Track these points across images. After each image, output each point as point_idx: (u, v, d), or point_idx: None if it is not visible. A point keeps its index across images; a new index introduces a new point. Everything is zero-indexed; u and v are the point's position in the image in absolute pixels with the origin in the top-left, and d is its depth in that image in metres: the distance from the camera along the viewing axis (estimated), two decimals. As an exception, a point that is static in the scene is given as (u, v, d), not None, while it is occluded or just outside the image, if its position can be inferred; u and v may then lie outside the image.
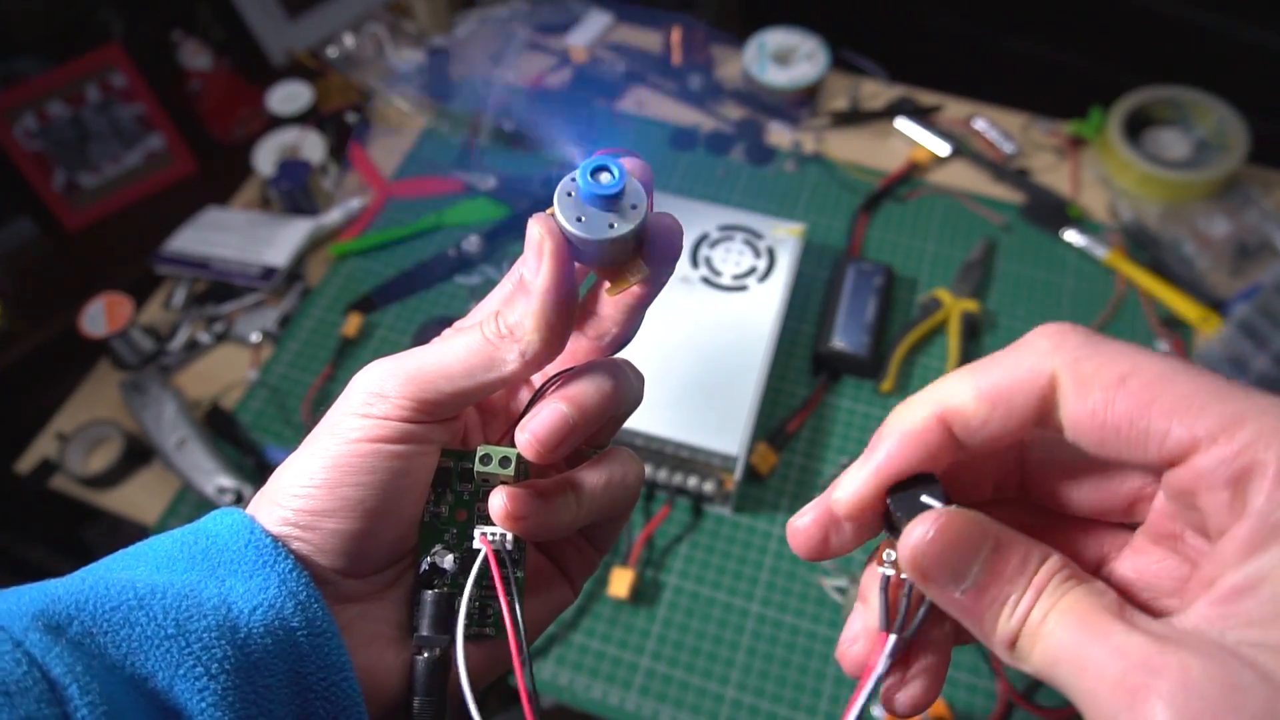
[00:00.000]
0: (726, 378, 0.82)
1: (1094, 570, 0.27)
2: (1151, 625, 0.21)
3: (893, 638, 0.26)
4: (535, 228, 0.28)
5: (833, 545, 0.28)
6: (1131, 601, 0.26)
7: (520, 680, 0.27)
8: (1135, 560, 0.26)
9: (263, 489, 0.31)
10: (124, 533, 0.97)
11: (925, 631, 0.27)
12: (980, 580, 0.23)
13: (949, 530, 0.23)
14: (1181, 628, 0.21)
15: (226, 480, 0.85)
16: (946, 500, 0.25)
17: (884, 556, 0.27)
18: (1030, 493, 0.29)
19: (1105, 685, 0.20)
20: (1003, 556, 0.23)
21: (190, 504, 0.87)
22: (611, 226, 0.27)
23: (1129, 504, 0.27)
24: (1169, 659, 0.19)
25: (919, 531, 0.24)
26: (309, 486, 0.29)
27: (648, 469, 0.82)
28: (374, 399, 0.29)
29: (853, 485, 0.26)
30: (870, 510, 0.26)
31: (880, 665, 0.26)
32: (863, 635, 0.27)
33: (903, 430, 0.26)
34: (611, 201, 0.27)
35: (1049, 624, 0.22)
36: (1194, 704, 0.19)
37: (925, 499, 0.25)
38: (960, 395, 0.25)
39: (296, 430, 0.91)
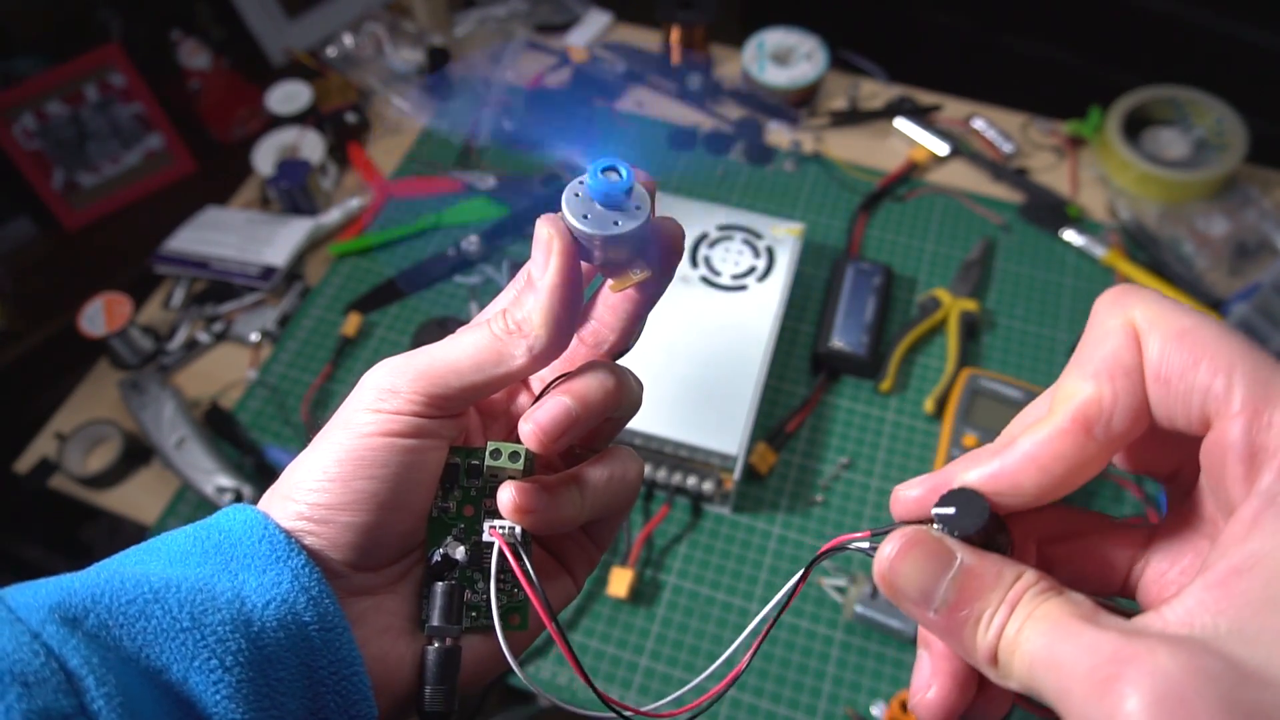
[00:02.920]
0: (726, 377, 0.82)
1: (1129, 571, 0.27)
2: (1121, 623, 0.21)
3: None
4: (544, 226, 0.29)
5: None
6: (1166, 595, 0.26)
7: (566, 654, 0.28)
8: (1165, 553, 0.27)
9: (274, 486, 0.31)
10: (123, 532, 0.97)
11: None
12: (951, 599, 0.24)
13: (912, 548, 0.24)
14: (1153, 622, 0.21)
15: (226, 480, 0.85)
16: (994, 516, 0.25)
17: None
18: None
19: (1077, 680, 0.20)
20: (973, 575, 0.24)
21: (189, 504, 0.87)
22: (616, 224, 0.29)
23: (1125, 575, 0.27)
24: (1137, 649, 0.20)
25: (886, 550, 0.24)
26: (323, 480, 0.29)
27: (647, 469, 0.82)
28: (386, 394, 0.30)
29: (969, 476, 0.25)
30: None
31: (855, 542, 0.27)
32: (936, 680, 0.26)
33: (1037, 441, 0.24)
34: (619, 199, 0.29)
35: (1025, 633, 0.22)
36: (1160, 688, 0.19)
37: (936, 510, 0.25)
38: (1081, 389, 0.24)
39: (296, 430, 0.91)
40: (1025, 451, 0.24)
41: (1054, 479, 0.24)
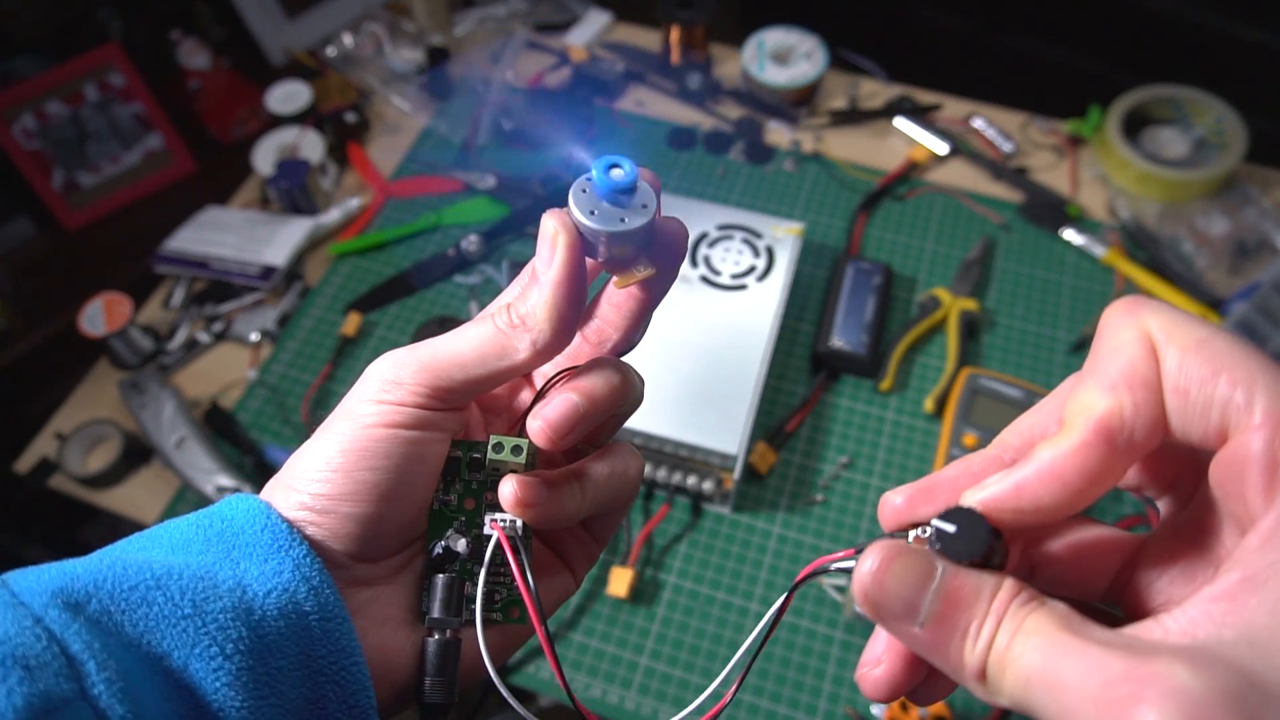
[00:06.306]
0: (726, 377, 0.82)
1: (1119, 574, 0.27)
2: (1120, 636, 0.21)
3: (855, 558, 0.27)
4: (550, 221, 0.29)
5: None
6: (1152, 604, 0.25)
7: (547, 651, 0.28)
8: (1155, 563, 0.26)
9: (276, 476, 0.31)
10: (123, 532, 0.96)
11: None
12: (936, 612, 0.23)
13: (894, 561, 0.23)
14: (1151, 631, 0.21)
15: (226, 480, 0.85)
16: (996, 534, 0.24)
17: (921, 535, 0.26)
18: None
19: (1086, 700, 0.20)
20: (955, 586, 0.23)
21: (189, 504, 0.87)
22: (623, 220, 0.29)
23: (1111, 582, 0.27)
24: (1154, 668, 0.19)
25: (866, 564, 0.23)
26: (326, 471, 0.30)
27: (647, 468, 0.82)
28: (389, 386, 0.30)
29: (984, 494, 0.24)
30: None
31: (838, 563, 0.27)
32: (886, 657, 0.26)
33: (1058, 454, 0.23)
34: (624, 196, 0.29)
35: (1016, 647, 0.21)
36: (1185, 709, 0.18)
37: (938, 522, 0.24)
38: (1098, 401, 0.23)
39: (296, 429, 0.91)
40: (1045, 466, 0.23)
41: (1075, 493, 0.23)
